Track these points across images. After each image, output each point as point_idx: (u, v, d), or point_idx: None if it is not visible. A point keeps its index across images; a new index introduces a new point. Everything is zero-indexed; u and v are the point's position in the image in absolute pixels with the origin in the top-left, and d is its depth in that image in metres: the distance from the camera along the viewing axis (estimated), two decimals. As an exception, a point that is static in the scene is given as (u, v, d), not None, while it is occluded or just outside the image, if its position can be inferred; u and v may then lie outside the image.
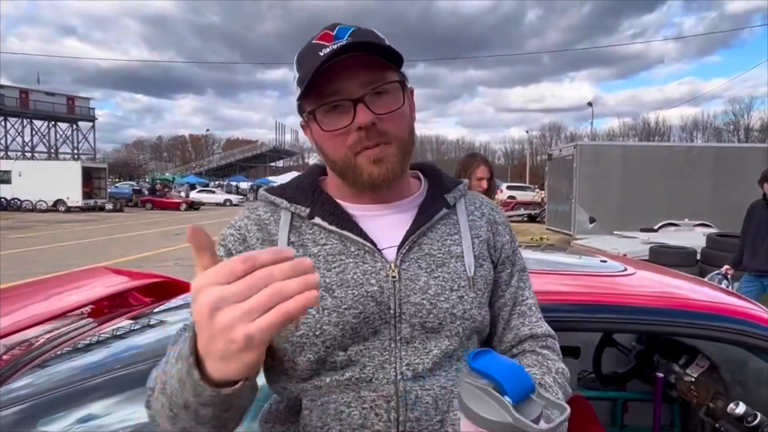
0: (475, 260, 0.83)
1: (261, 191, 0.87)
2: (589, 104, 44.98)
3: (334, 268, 0.77)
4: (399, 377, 0.76)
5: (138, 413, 1.14)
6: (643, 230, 10.52)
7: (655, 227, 11.58)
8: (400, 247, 0.80)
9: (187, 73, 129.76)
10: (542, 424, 0.52)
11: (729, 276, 4.47)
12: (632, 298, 1.24)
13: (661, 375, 1.89)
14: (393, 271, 0.78)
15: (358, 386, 0.76)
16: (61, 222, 19.19)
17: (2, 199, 25.26)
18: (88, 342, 1.51)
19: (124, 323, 1.67)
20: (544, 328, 0.89)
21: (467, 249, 0.82)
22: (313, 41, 0.77)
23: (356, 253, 0.78)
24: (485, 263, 0.84)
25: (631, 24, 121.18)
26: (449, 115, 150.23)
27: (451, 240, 0.83)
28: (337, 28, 0.77)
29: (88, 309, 1.93)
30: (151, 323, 1.64)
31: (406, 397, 0.75)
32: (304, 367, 0.77)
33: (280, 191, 0.85)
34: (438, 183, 0.89)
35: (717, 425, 1.72)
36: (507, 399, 0.53)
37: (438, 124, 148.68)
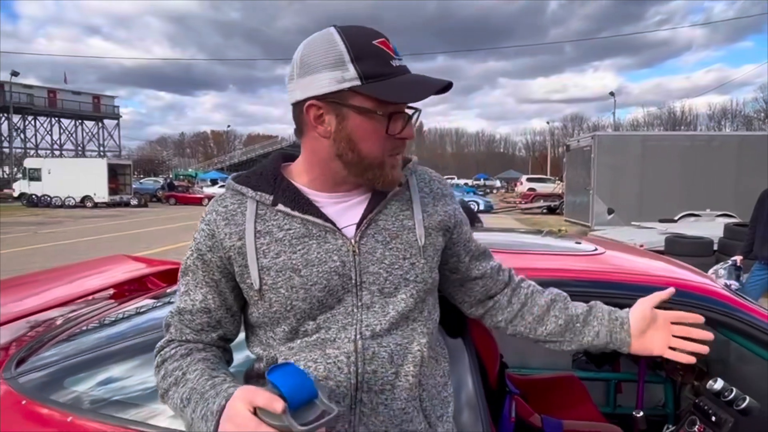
0: (425, 231, 0.93)
1: (229, 180, 0.94)
2: (611, 94, 44.17)
3: (299, 250, 0.87)
4: (358, 336, 0.87)
5: (150, 380, 1.28)
6: (662, 221, 10.40)
7: (675, 218, 11.43)
8: (358, 225, 0.90)
9: (208, 69, 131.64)
10: (302, 428, 0.66)
11: (741, 265, 4.45)
12: (595, 273, 1.34)
13: None
14: (353, 246, 0.88)
15: (324, 345, 0.88)
16: (88, 217, 19.78)
17: (33, 196, 26.07)
18: (110, 318, 1.67)
19: (143, 302, 1.82)
20: (505, 276, 1.09)
21: (418, 222, 0.93)
22: (374, 42, 0.83)
23: (318, 234, 0.88)
24: (434, 233, 0.95)
25: (657, 10, 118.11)
26: (469, 107, 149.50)
27: (403, 215, 0.93)
28: (391, 42, 0.86)
29: (109, 292, 2.09)
30: (170, 301, 1.78)
31: (364, 353, 0.87)
32: (280, 336, 0.90)
33: (246, 180, 0.92)
34: None
35: (697, 401, 1.80)
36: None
37: (458, 117, 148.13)
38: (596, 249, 1.56)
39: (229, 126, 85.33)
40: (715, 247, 7.26)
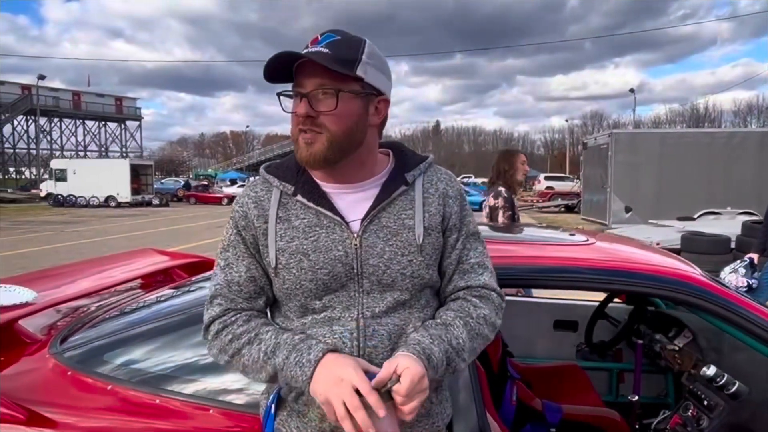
0: (425, 230, 1.02)
1: (261, 169, 1.08)
2: (631, 91, 43.46)
3: (311, 237, 0.99)
4: (360, 316, 0.99)
5: (178, 355, 1.42)
6: (680, 219, 10.32)
7: (695, 216, 11.31)
8: (362, 220, 1.00)
9: (227, 71, 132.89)
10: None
11: (756, 262, 4.45)
12: (582, 261, 1.45)
13: (640, 342, 2.07)
14: (356, 239, 0.99)
15: (331, 323, 1.00)
16: (112, 216, 20.31)
17: (59, 196, 26.84)
18: (140, 304, 1.82)
19: (168, 291, 1.97)
20: (482, 281, 1.06)
21: (419, 221, 1.02)
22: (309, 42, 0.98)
23: (328, 225, 1.00)
24: (434, 233, 1.03)
25: (681, 4, 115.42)
26: (487, 105, 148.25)
27: (405, 214, 1.02)
28: (324, 35, 0.97)
29: (138, 281, 2.26)
30: (191, 290, 1.93)
31: (365, 330, 0.99)
32: (294, 310, 1.03)
33: (274, 170, 1.05)
34: (402, 162, 1.07)
35: (691, 387, 1.89)
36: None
37: (476, 115, 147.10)
38: (587, 239, 1.67)
39: (248, 126, 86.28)
40: (733, 245, 7.22)
